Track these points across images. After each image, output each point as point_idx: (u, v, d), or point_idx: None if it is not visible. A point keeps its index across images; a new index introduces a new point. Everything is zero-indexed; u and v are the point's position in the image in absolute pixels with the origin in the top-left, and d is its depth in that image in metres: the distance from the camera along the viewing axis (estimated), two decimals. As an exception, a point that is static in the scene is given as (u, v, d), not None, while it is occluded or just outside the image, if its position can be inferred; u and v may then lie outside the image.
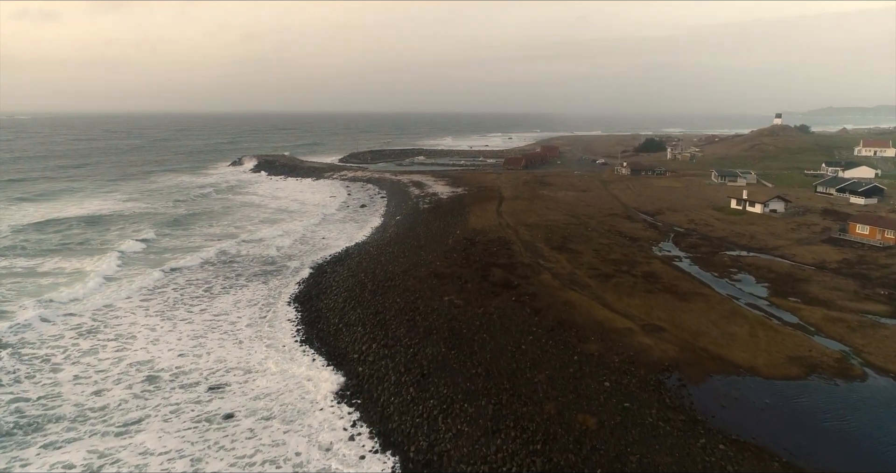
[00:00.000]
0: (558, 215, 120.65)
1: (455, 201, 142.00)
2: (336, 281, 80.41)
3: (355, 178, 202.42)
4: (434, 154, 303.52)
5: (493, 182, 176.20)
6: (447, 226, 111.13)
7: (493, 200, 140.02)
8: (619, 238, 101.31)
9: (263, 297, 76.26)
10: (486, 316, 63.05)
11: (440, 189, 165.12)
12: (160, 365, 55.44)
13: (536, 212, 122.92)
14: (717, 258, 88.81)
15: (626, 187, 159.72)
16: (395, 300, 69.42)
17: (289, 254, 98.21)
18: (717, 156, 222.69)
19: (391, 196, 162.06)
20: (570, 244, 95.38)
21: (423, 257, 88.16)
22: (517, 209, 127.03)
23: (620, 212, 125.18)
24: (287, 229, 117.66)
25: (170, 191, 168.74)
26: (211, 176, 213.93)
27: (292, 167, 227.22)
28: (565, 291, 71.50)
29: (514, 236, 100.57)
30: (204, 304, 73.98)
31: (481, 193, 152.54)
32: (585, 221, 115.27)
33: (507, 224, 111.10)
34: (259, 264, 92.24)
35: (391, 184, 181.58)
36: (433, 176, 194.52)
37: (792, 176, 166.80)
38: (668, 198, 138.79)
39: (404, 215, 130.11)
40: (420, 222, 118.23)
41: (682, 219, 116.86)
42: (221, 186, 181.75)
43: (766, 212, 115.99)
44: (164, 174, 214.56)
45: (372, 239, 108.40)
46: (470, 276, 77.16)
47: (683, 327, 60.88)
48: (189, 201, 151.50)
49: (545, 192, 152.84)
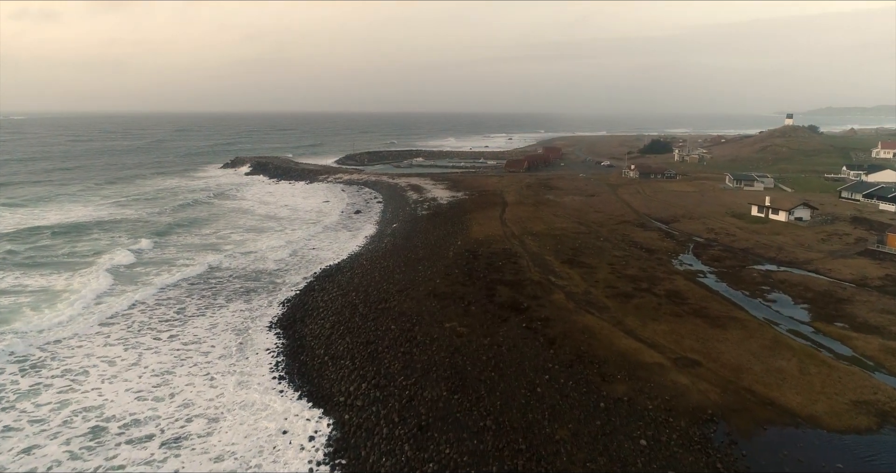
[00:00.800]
0: (566, 223, 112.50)
1: (455, 207, 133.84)
2: (324, 301, 72.21)
3: (351, 181, 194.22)
4: (433, 155, 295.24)
5: (494, 185, 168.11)
6: (447, 236, 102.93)
7: (496, 206, 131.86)
8: (634, 249, 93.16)
9: (243, 321, 67.98)
10: (494, 349, 54.85)
11: (439, 193, 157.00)
12: (111, 412, 47.13)
13: (543, 220, 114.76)
14: (744, 273, 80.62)
15: (636, 191, 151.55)
16: (389, 326, 61.19)
17: (274, 268, 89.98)
18: (727, 158, 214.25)
19: (388, 201, 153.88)
20: (582, 257, 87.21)
21: (422, 273, 79.95)
22: (522, 216, 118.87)
23: (632, 220, 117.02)
24: (274, 239, 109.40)
25: (156, 197, 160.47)
26: (201, 179, 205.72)
27: (286, 169, 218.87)
28: (581, 315, 63.32)
29: (520, 248, 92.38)
30: (175, 329, 65.75)
31: (483, 198, 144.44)
32: (596, 230, 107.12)
33: (511, 233, 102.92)
34: (241, 280, 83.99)
35: (388, 188, 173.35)
36: (432, 179, 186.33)
37: (811, 180, 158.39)
38: (682, 204, 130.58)
39: (401, 222, 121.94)
40: (418, 231, 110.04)
41: (700, 227, 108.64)
42: (210, 191, 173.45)
43: (791, 221, 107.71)
44: (155, 177, 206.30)
45: (366, 249, 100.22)
46: (474, 297, 68.98)
47: (721, 361, 52.69)
48: (173, 207, 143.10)
49: (550, 197, 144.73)
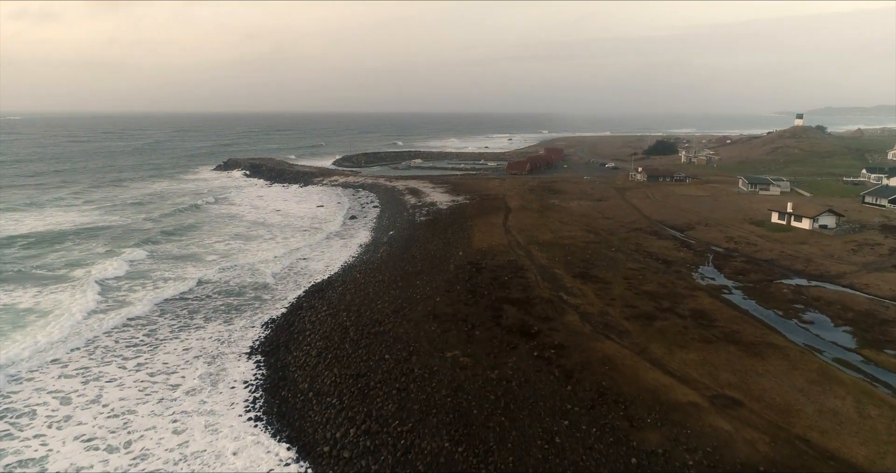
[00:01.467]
0: (574, 230, 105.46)
1: (456, 212, 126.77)
2: (312, 322, 65.14)
3: (347, 184, 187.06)
4: (432, 156, 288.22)
5: (496, 189, 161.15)
6: (447, 246, 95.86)
7: (499, 211, 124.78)
8: (649, 261, 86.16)
9: (220, 345, 60.87)
10: (503, 385, 47.75)
11: (439, 197, 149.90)
12: (54, 466, 40.01)
13: (549, 227, 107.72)
14: (773, 289, 73.62)
15: (645, 195, 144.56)
16: (383, 355, 54.06)
17: (260, 283, 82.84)
18: (736, 160, 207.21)
19: (385, 205, 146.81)
20: (595, 270, 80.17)
21: (420, 289, 72.86)
22: (527, 223, 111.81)
23: (644, 227, 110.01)
24: (262, 249, 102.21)
25: (143, 202, 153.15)
26: (192, 182, 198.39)
27: (280, 172, 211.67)
28: (600, 341, 56.27)
29: (526, 259, 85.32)
30: (144, 356, 58.66)
31: (484, 203, 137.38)
32: (607, 238, 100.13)
33: (517, 242, 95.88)
34: (222, 296, 76.84)
35: (385, 192, 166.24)
36: (431, 182, 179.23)
37: (829, 183, 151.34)
38: (696, 210, 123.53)
39: (399, 229, 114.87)
40: (416, 239, 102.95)
41: (718, 235, 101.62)
42: (200, 195, 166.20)
43: (816, 229, 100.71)
44: (145, 180, 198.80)
45: (360, 260, 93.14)
46: (478, 318, 61.90)
47: (765, 399, 45.65)
48: (159, 214, 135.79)
49: (555, 202, 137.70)
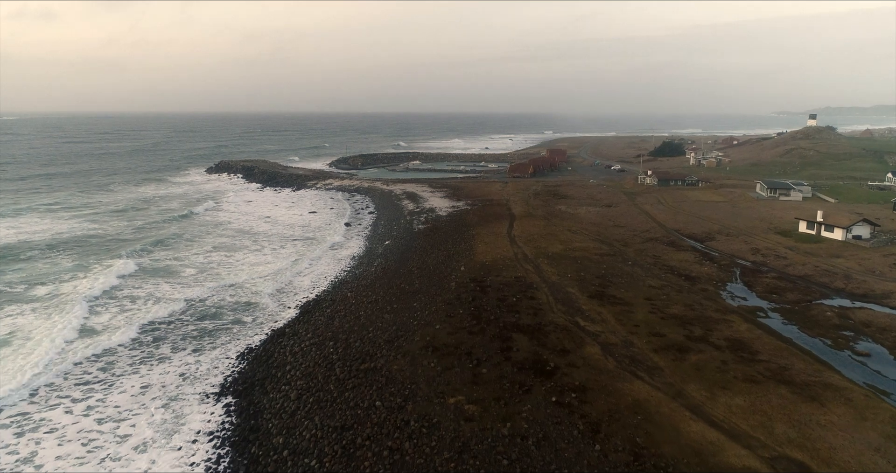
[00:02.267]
0: (585, 241, 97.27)
1: (456, 220, 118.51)
2: (294, 353, 56.86)
3: (342, 188, 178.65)
4: (431, 158, 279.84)
5: (498, 193, 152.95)
6: (448, 259, 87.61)
7: (503, 219, 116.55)
8: (671, 276, 77.98)
9: (183, 384, 52.51)
10: (517, 444, 39.45)
11: (438, 203, 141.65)
12: None
13: (558, 237, 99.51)
14: (815, 312, 65.43)
15: (657, 201, 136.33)
16: (373, 401, 45.71)
17: (240, 302, 74.50)
18: (747, 162, 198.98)
19: (381, 211, 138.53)
20: (612, 288, 71.96)
21: (418, 312, 64.61)
22: (533, 232, 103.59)
23: (660, 236, 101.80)
24: (246, 262, 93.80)
25: (126, 208, 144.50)
26: (181, 186, 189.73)
27: (272, 174, 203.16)
28: (627, 380, 48.03)
29: (535, 275, 77.08)
30: (95, 396, 50.38)
31: (487, 209, 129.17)
32: (621, 250, 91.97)
33: (523, 255, 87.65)
34: (195, 319, 68.48)
35: (382, 196, 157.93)
36: (430, 186, 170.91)
37: (852, 188, 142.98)
38: (714, 217, 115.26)
39: (395, 239, 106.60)
40: (414, 251, 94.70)
41: (743, 247, 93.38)
42: (187, 200, 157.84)
43: (849, 240, 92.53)
44: (133, 184, 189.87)
45: (352, 275, 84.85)
46: (484, 350, 53.64)
47: (837, 462, 37.44)
48: (140, 222, 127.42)
49: (562, 207, 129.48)
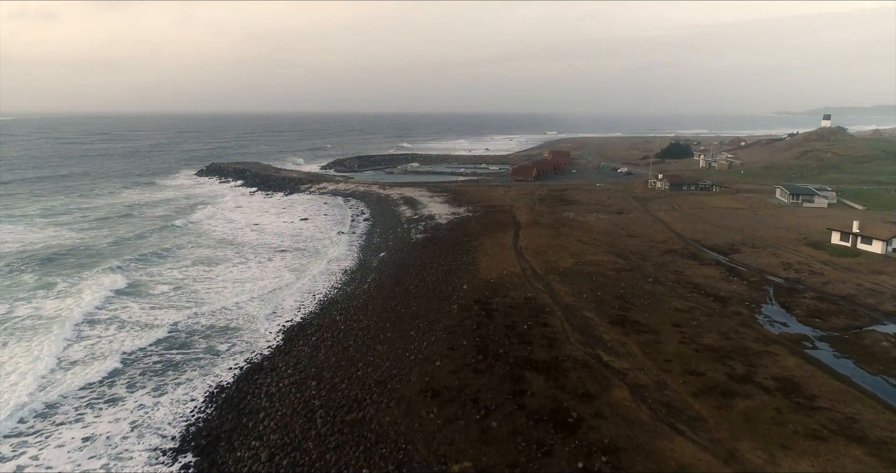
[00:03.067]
0: (599, 253, 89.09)
1: (457, 229, 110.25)
2: (270, 394, 48.62)
3: (336, 192, 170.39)
4: (429, 160, 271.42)
5: (501, 198, 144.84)
6: (449, 275, 79.38)
7: (507, 228, 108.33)
8: (697, 296, 69.79)
9: (131, 436, 44.16)
10: (540, 537, 31.20)
11: (437, 209, 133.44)
12: None
13: (568, 249, 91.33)
14: (868, 341, 57.17)
15: (671, 207, 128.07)
16: (359, 469, 37.40)
17: (215, 327, 66.19)
18: (760, 165, 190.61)
19: (377, 218, 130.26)
20: (635, 311, 63.76)
21: (415, 342, 56.39)
22: (541, 243, 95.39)
23: (679, 248, 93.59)
24: (225, 279, 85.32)
25: (106, 215, 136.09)
26: (168, 189, 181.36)
27: (264, 177, 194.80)
28: (667, 436, 39.79)
29: (547, 296, 68.89)
30: (23, 456, 42.07)
31: (490, 216, 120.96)
32: (639, 264, 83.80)
33: (532, 270, 79.45)
34: (161, 348, 60.15)
35: (378, 202, 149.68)
36: (429, 190, 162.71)
37: (879, 193, 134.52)
38: (736, 226, 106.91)
39: (391, 250, 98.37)
40: (411, 265, 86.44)
41: (772, 260, 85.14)
42: (171, 206, 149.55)
43: (890, 253, 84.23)
44: (118, 188, 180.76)
45: (343, 294, 76.57)
46: (493, 395, 45.38)
47: None
48: (120, 230, 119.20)
49: (570, 215, 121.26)
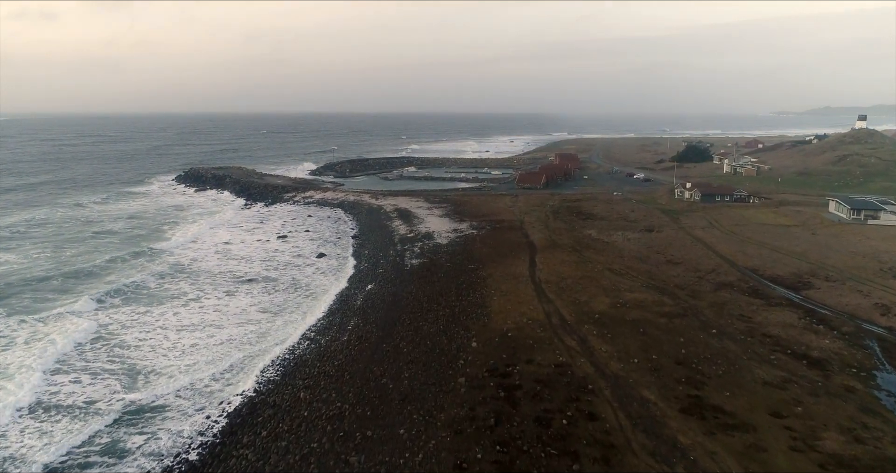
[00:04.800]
0: (638, 288, 71.44)
1: (460, 252, 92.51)
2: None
3: (323, 202, 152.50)
4: (427, 163, 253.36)
5: (509, 211, 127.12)
6: (452, 322, 61.69)
7: (520, 251, 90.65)
8: (784, 358, 52.27)
9: None
10: None
11: (436, 224, 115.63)
12: None
13: (598, 282, 73.69)
14: None
15: (709, 223, 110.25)
16: None
17: (129, 405, 48.35)
18: (792, 170, 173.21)
19: (367, 235, 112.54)
20: (710, 387, 46.17)
21: (406, 451, 38.68)
22: (564, 273, 77.71)
23: (735, 280, 75.83)
24: (165, 326, 66.91)
25: (53, 232, 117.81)
26: (136, 199, 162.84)
27: (245, 185, 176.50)
28: None
29: (584, 359, 51.30)
30: None
31: (498, 235, 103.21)
32: (692, 305, 66.18)
33: (559, 317, 61.79)
34: (66, 436, 42.28)
35: (369, 215, 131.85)
36: (426, 200, 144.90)
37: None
38: (795, 250, 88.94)
39: (380, 281, 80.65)
40: (404, 306, 68.66)
41: (861, 300, 67.37)
42: (132, 221, 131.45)
43: None
44: (82, 197, 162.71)
45: (314, 350, 58.80)
46: None
47: None
48: (67, 252, 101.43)
49: (592, 233, 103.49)
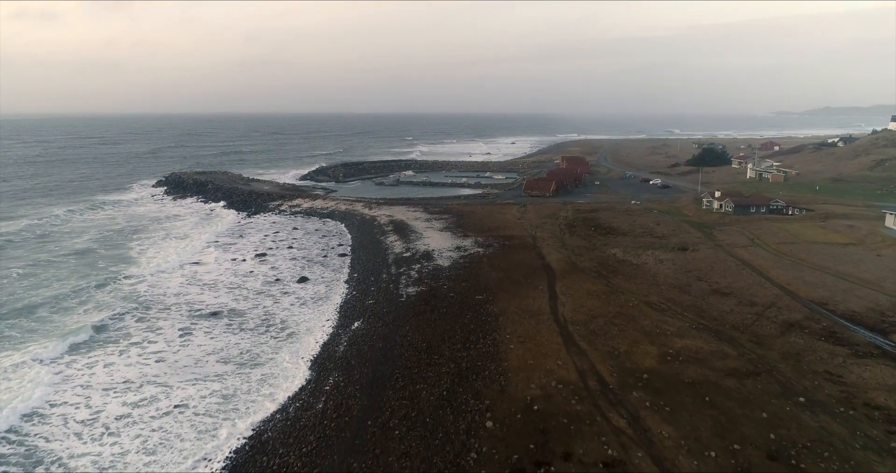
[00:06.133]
0: (687, 330, 57.41)
1: (466, 277, 78.36)
2: None
3: (311, 212, 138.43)
4: (426, 167, 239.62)
5: (518, 224, 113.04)
6: (459, 384, 47.74)
7: (536, 277, 76.51)
8: (912, 447, 38.14)
9: None
10: None
11: (437, 240, 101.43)
12: None
13: (636, 320, 59.70)
14: None
15: (750, 241, 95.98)
16: None
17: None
18: (825, 176, 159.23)
19: (358, 253, 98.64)
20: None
21: None
22: (592, 308, 63.63)
23: (802, 318, 61.50)
24: (88, 383, 52.62)
25: (4, 245, 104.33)
26: (106, 208, 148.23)
27: (228, 192, 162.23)
28: None
29: (642, 449, 37.38)
30: None
31: (508, 255, 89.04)
32: (757, 354, 52.22)
33: (597, 376, 47.81)
34: None
35: (361, 227, 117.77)
36: (424, 210, 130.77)
37: None
38: (865, 277, 74.13)
39: (369, 317, 66.66)
40: (397, 361, 54.57)
41: (976, 351, 53.27)
42: (95, 233, 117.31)
43: None
44: (50, 205, 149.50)
45: (279, 427, 44.77)
46: None
47: None
48: (11, 271, 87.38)
49: (617, 252, 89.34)
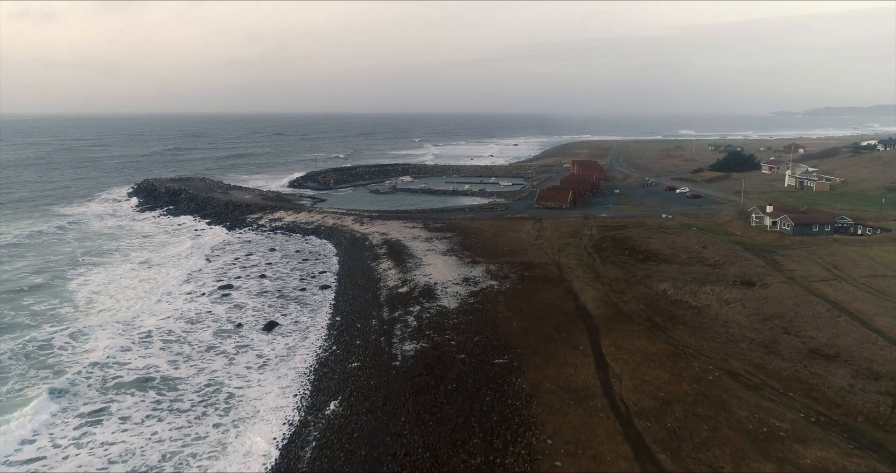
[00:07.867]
0: (805, 428, 39.55)
1: (480, 330, 60.07)
2: None
3: (294, 227, 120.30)
4: (425, 172, 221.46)
5: (534, 246, 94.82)
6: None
7: (572, 329, 58.39)
8: None
9: None
10: None
11: (440, 270, 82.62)
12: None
13: (727, 407, 41.83)
14: None
15: (830, 273, 77.49)
16: None
17: None
18: (875, 185, 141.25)
19: (343, 283, 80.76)
20: None
21: None
22: (661, 387, 45.62)
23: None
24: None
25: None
26: (62, 221, 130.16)
27: (202, 203, 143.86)
28: None
29: None
30: None
31: (531, 294, 70.68)
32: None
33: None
34: None
35: (349, 248, 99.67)
36: (425, 226, 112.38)
37: None
38: None
39: (350, 394, 48.70)
40: (388, 479, 36.37)
41: None
42: (35, 259, 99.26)
43: None
44: (7, 217, 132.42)
45: None
46: None
47: None
48: None
49: (666, 288, 71.18)
